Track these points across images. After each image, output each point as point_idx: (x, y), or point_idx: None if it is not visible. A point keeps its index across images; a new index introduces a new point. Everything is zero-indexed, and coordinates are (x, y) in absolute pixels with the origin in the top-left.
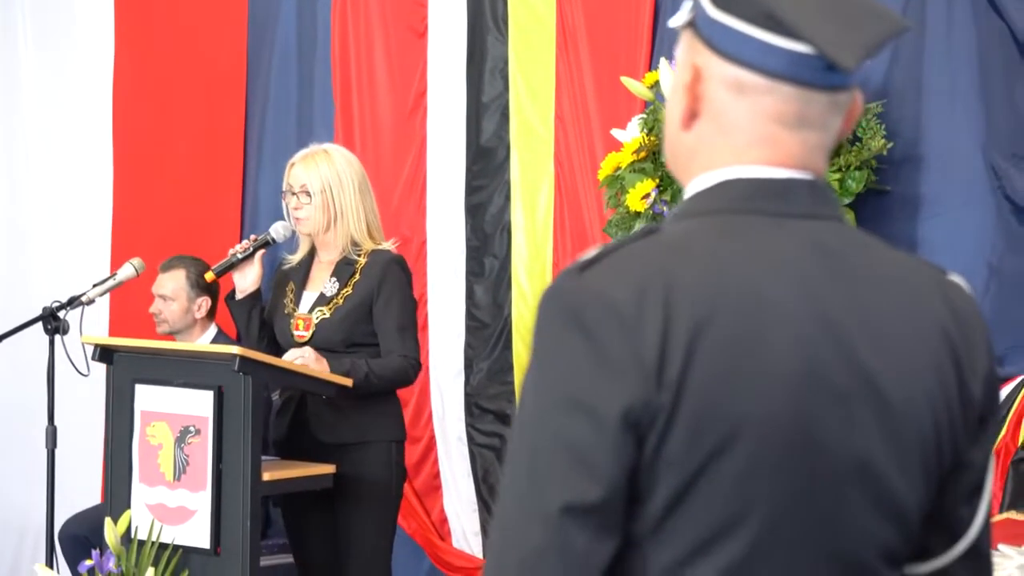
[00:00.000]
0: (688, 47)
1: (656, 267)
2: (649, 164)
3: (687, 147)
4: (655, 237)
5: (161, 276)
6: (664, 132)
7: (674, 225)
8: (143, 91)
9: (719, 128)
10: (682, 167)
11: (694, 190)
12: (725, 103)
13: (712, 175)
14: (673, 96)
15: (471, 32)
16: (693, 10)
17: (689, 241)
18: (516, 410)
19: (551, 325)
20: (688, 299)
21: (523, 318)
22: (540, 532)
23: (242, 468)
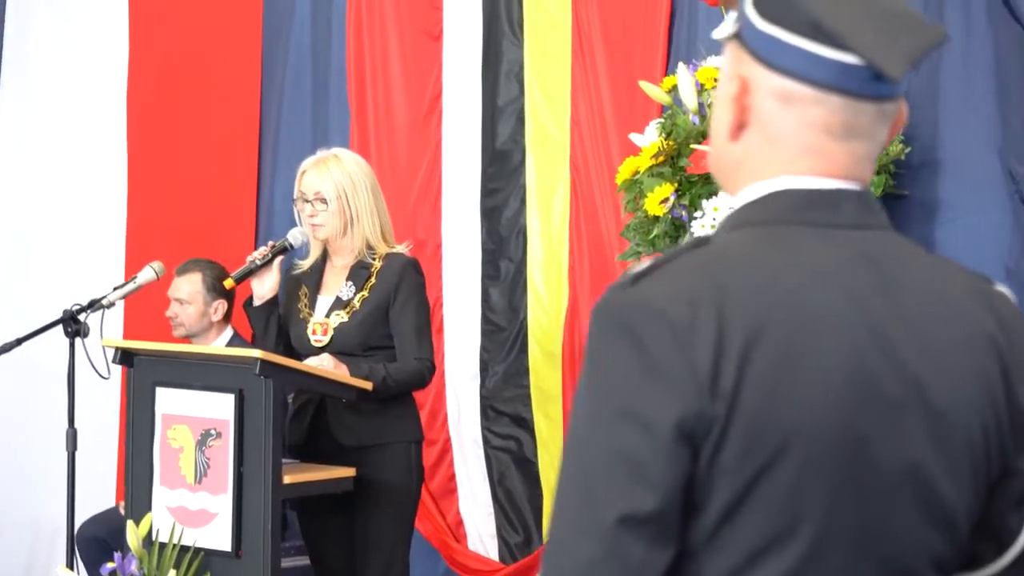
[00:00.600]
0: (734, 59)
1: (708, 278)
2: (668, 168)
3: (734, 158)
4: (706, 248)
5: (177, 280)
6: (710, 143)
7: (724, 236)
8: (157, 96)
9: (767, 139)
10: (729, 177)
11: (743, 201)
12: (773, 114)
13: (761, 186)
14: (720, 107)
15: (486, 36)
16: (739, 22)
17: (740, 252)
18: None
19: (604, 337)
20: (740, 310)
21: (539, 321)
22: (596, 543)
23: (263, 471)
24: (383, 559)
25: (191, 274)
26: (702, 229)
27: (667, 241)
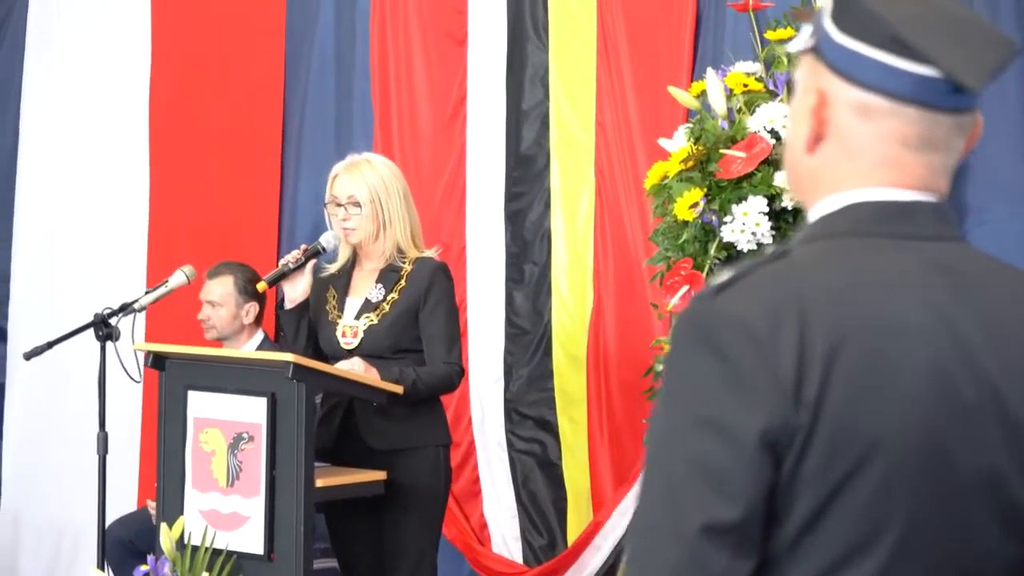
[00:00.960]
0: (811, 71)
1: (789, 289)
2: (697, 173)
3: (811, 170)
4: (785, 260)
5: (209, 283)
6: (786, 155)
7: (802, 248)
8: (180, 99)
9: (844, 151)
10: (805, 189)
11: (820, 213)
12: (851, 126)
13: (838, 198)
14: (796, 120)
15: (511, 40)
16: (815, 35)
17: (819, 263)
18: (649, 431)
19: (686, 348)
20: (822, 320)
21: (563, 325)
22: (679, 552)
23: (295, 474)
24: (412, 563)
25: (223, 277)
26: (732, 234)
27: (696, 246)
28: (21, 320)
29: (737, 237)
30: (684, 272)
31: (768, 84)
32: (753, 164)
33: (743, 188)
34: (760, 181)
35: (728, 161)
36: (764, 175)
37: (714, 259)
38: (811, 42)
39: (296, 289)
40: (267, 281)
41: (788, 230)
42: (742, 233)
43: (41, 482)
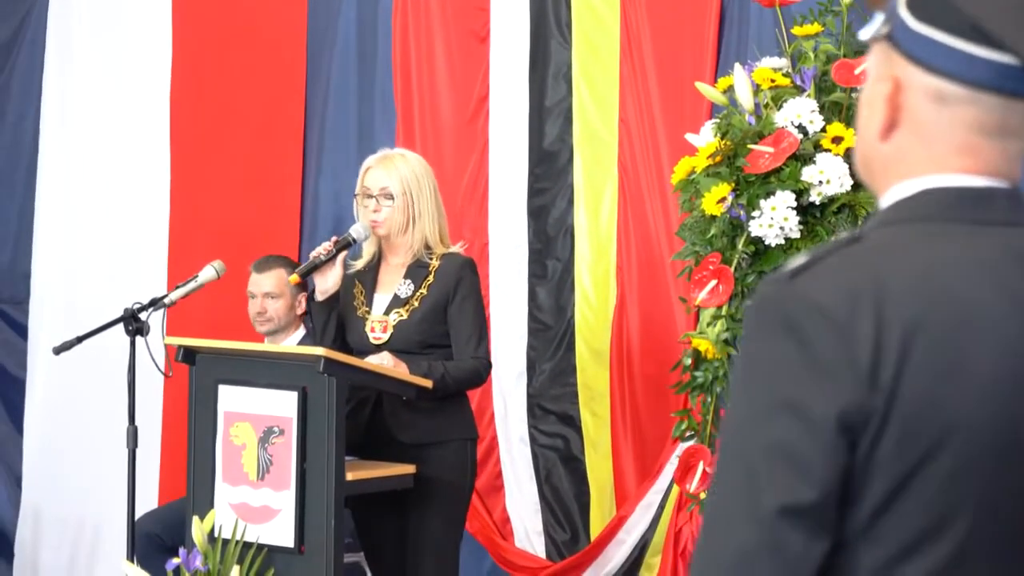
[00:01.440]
0: (884, 59)
1: (865, 273)
2: (724, 168)
3: (884, 157)
4: (860, 244)
5: (259, 276)
6: (857, 143)
7: (876, 233)
8: (201, 96)
9: (919, 138)
10: (877, 176)
11: (893, 198)
12: (926, 113)
13: (912, 183)
14: (869, 107)
15: (534, 37)
16: (888, 23)
17: (894, 248)
18: (725, 413)
19: (763, 331)
20: (898, 304)
21: (586, 320)
22: (755, 533)
23: (326, 468)
24: (435, 556)
25: (275, 269)
26: (760, 228)
27: (724, 240)
28: (41, 317)
29: (765, 231)
30: (712, 267)
31: (795, 79)
32: (781, 159)
33: (771, 183)
34: (788, 176)
35: (756, 156)
36: (792, 170)
37: (742, 253)
38: (884, 29)
39: (327, 281)
40: (299, 273)
41: (816, 224)
42: (770, 227)
43: (62, 477)
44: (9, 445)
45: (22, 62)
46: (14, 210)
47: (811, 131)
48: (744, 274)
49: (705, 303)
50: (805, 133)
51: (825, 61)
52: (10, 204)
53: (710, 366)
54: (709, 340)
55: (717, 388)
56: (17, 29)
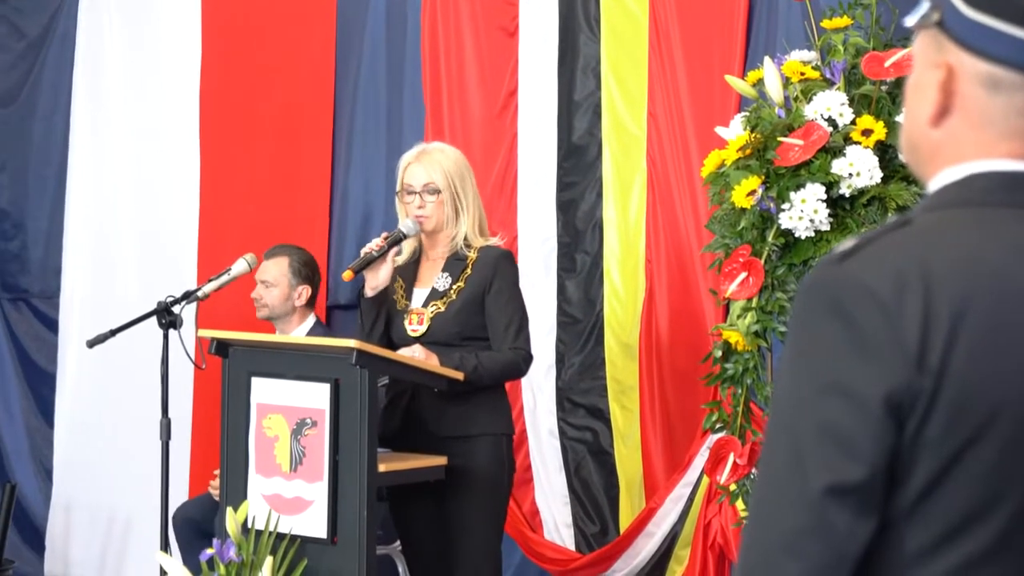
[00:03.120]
0: (934, 46)
1: (913, 256)
2: (754, 161)
3: (934, 142)
4: (909, 228)
5: (265, 263)
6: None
7: (925, 216)
8: (231, 92)
9: (971, 124)
10: (925, 161)
11: (942, 183)
12: (979, 100)
13: (961, 168)
14: (919, 94)
15: (563, 31)
16: (936, 10)
17: (943, 231)
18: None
19: (812, 313)
20: (946, 287)
21: (615, 313)
22: (803, 512)
23: (358, 459)
24: (473, 549)
25: (278, 258)
26: (789, 221)
27: (754, 233)
28: (72, 312)
29: (795, 224)
30: (742, 259)
31: (824, 72)
32: (811, 152)
33: (801, 175)
34: (818, 168)
35: (786, 149)
36: (822, 162)
37: (772, 246)
38: (933, 17)
39: (378, 277)
40: (352, 269)
41: (846, 217)
42: (800, 220)
43: (92, 470)
44: (40, 438)
45: (52, 58)
46: (45, 205)
47: (841, 124)
48: (774, 266)
49: (735, 295)
50: (835, 126)
51: (854, 54)
52: (41, 199)
53: (740, 358)
54: (739, 332)
55: (747, 380)
56: (48, 25)
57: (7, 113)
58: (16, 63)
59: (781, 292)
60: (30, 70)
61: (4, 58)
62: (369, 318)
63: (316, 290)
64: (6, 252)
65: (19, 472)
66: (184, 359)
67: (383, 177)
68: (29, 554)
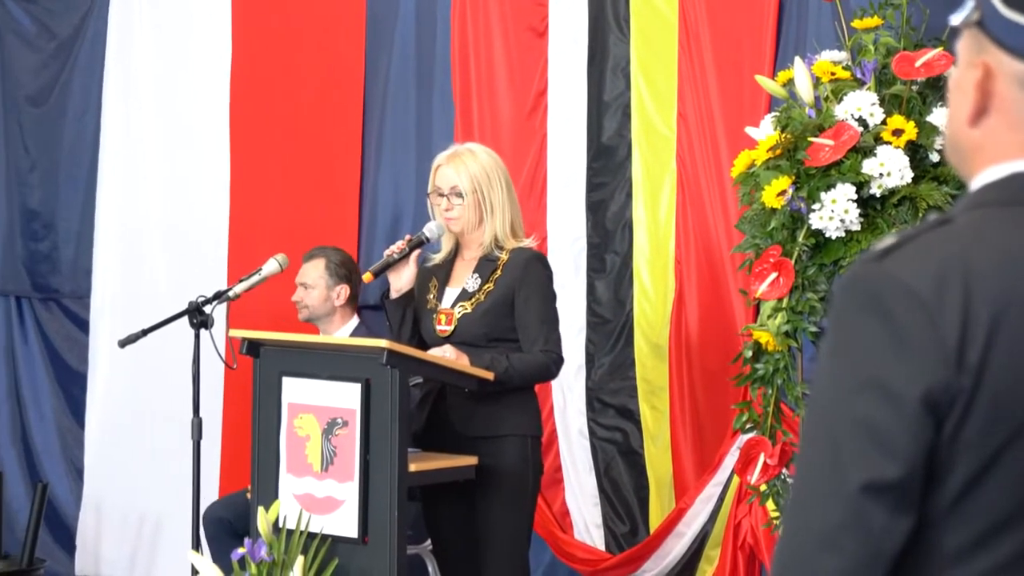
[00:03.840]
0: (974, 45)
1: (953, 254)
2: (785, 161)
3: (973, 142)
4: (949, 227)
5: (304, 265)
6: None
7: (965, 215)
8: (261, 92)
9: (1009, 124)
10: (966, 161)
11: (982, 182)
12: (1016, 99)
13: (1001, 168)
14: (958, 93)
15: (592, 32)
16: (979, 9)
17: (983, 230)
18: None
19: (851, 310)
20: (986, 286)
21: (645, 314)
22: (840, 509)
23: (389, 459)
24: (500, 549)
25: (316, 259)
26: (820, 221)
27: (784, 233)
28: (102, 312)
29: (826, 224)
30: (773, 259)
31: (855, 72)
32: (841, 152)
33: (831, 175)
34: (848, 168)
35: (816, 149)
36: (852, 162)
37: (802, 246)
38: (974, 16)
39: (401, 279)
40: (372, 271)
41: (876, 217)
42: (831, 220)
43: (123, 470)
44: (71, 438)
45: (83, 58)
46: (76, 206)
47: (871, 124)
48: (804, 266)
49: (765, 295)
50: (865, 126)
51: (885, 54)
52: (72, 200)
53: (771, 358)
54: (770, 332)
55: (778, 380)
56: (78, 26)
57: (38, 114)
58: (47, 64)
59: (811, 292)
60: (61, 71)
61: (35, 59)
62: (395, 320)
63: (356, 289)
64: (37, 252)
65: (50, 472)
66: (215, 359)
67: (412, 178)
68: (60, 553)
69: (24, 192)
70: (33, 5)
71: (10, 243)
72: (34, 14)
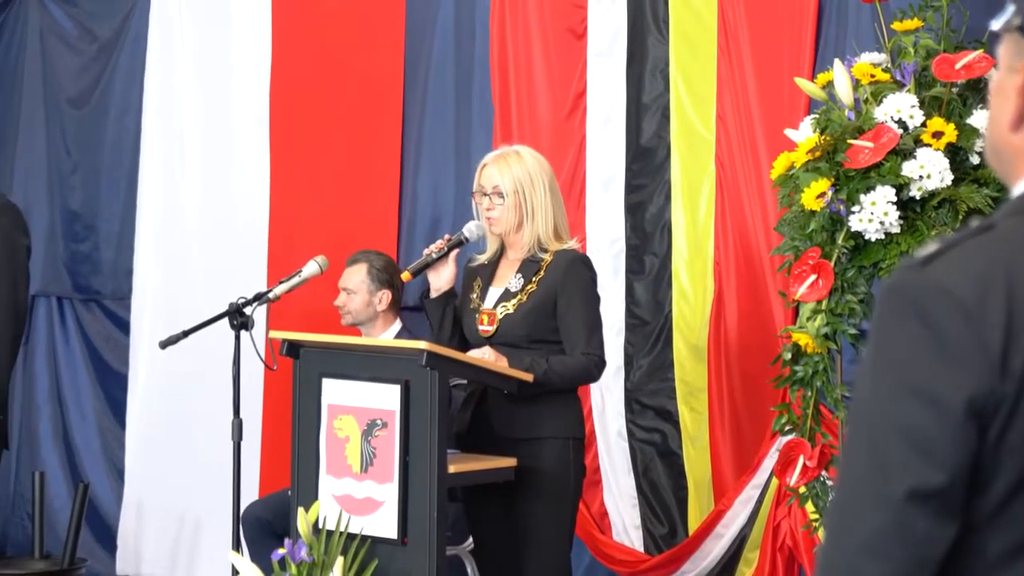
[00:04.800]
0: (1015, 50)
1: (996, 261)
2: (824, 163)
3: (1015, 147)
4: (991, 233)
5: (346, 271)
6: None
7: (1007, 221)
8: (300, 95)
9: None
10: (1007, 165)
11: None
12: None
13: None
14: (999, 98)
15: (631, 33)
16: (1020, 14)
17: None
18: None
19: (893, 317)
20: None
21: (683, 315)
22: (884, 515)
23: (428, 460)
24: (541, 551)
25: (359, 264)
26: (859, 223)
27: (823, 235)
28: (143, 313)
29: (865, 226)
30: (812, 261)
31: (895, 75)
32: (881, 154)
33: (871, 178)
34: (888, 171)
35: (856, 151)
36: (892, 164)
37: (841, 248)
38: (1016, 21)
39: (440, 278)
40: (411, 271)
41: (916, 219)
42: (870, 222)
43: (163, 470)
44: (112, 439)
45: (124, 60)
46: (117, 207)
47: (911, 126)
48: (844, 269)
49: (805, 297)
50: (905, 128)
51: (925, 56)
52: (113, 201)
53: (810, 360)
54: (809, 334)
55: (817, 382)
56: (119, 28)
57: (79, 115)
58: (88, 66)
59: (851, 294)
60: (102, 72)
61: (77, 61)
62: (435, 319)
63: (399, 294)
64: (78, 254)
65: (91, 472)
66: (255, 360)
67: (451, 180)
68: (101, 553)
69: (65, 194)
70: (74, 8)
71: (52, 244)
72: (75, 17)
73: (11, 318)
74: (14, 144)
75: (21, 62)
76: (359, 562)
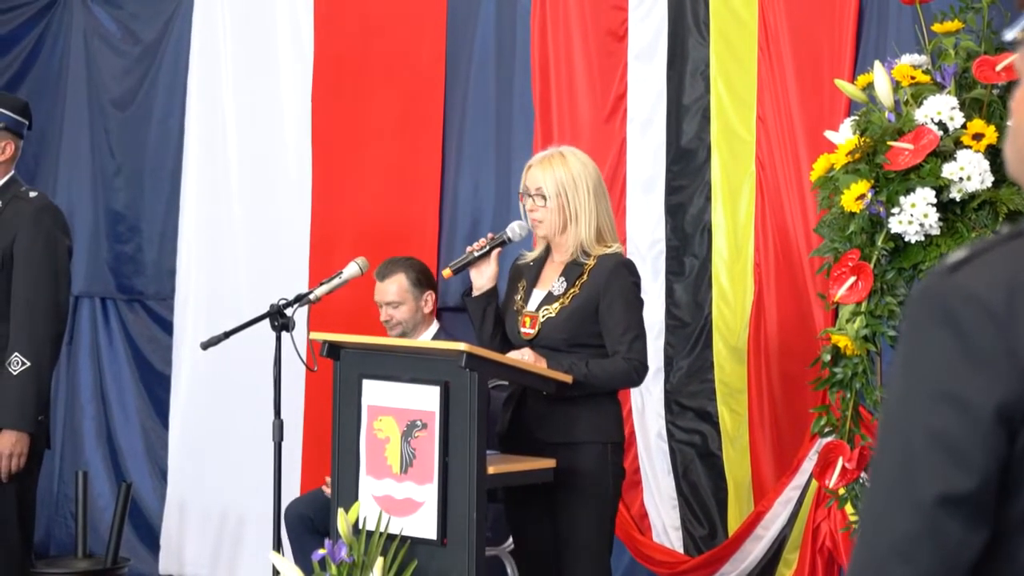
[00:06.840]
0: None
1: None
2: (864, 165)
3: None
4: (1021, 240)
5: (381, 285)
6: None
7: None
8: (342, 94)
9: None
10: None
11: None
12: None
13: None
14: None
15: (671, 35)
16: None
17: None
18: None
19: (923, 323)
20: None
21: (723, 317)
22: (914, 521)
23: (468, 461)
24: (580, 553)
25: (395, 275)
26: (899, 225)
27: (863, 237)
28: (186, 313)
29: (905, 228)
30: (852, 263)
31: (935, 76)
32: (921, 156)
33: (911, 180)
34: (928, 172)
35: (896, 153)
36: (932, 166)
37: (881, 250)
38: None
39: (482, 277)
40: (452, 268)
41: (956, 221)
42: (910, 224)
43: (206, 470)
44: (155, 439)
45: (167, 62)
46: (160, 208)
47: (951, 128)
48: (883, 271)
49: (844, 299)
50: (945, 130)
51: (966, 58)
52: (156, 202)
53: (849, 362)
54: (848, 336)
55: (856, 384)
56: (163, 30)
57: (123, 117)
58: (132, 68)
59: (891, 296)
60: (145, 74)
61: (120, 63)
62: (477, 317)
63: (438, 293)
64: (122, 254)
65: (134, 472)
66: (296, 361)
67: (492, 181)
68: (144, 552)
69: (109, 195)
70: (118, 10)
71: (95, 245)
72: (119, 19)
73: (53, 318)
74: (58, 146)
75: (65, 64)
76: (399, 563)
